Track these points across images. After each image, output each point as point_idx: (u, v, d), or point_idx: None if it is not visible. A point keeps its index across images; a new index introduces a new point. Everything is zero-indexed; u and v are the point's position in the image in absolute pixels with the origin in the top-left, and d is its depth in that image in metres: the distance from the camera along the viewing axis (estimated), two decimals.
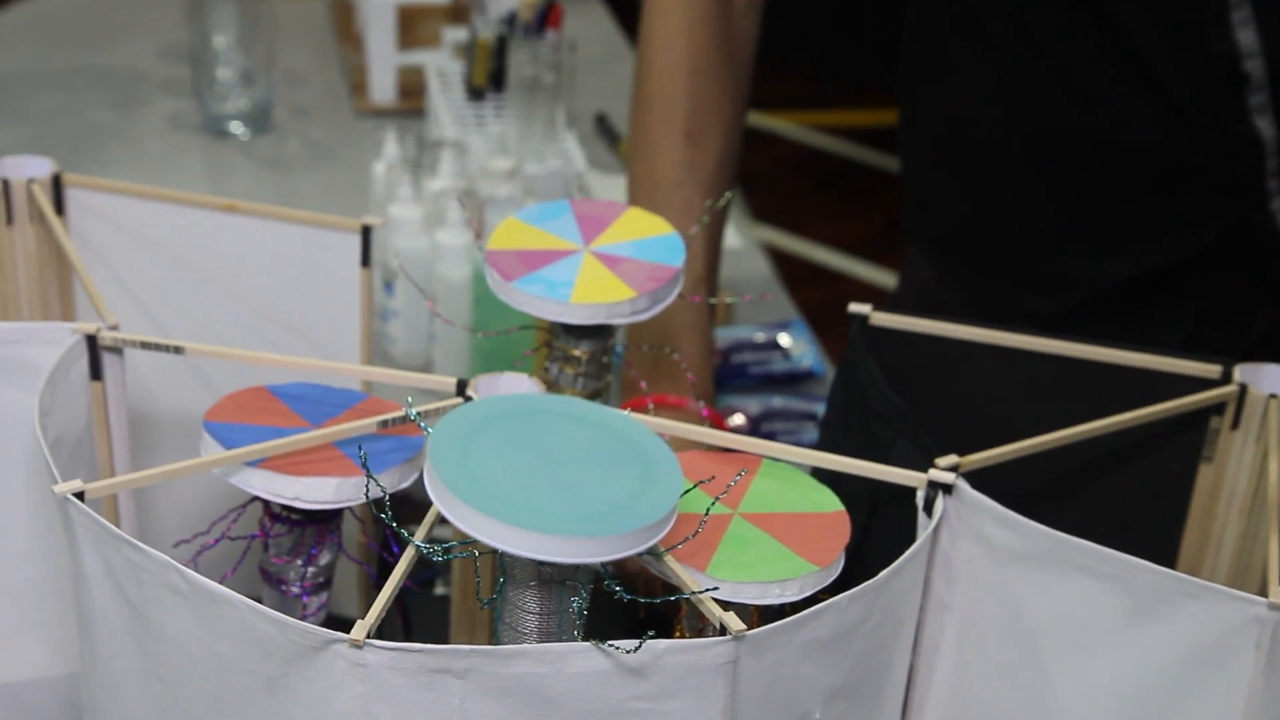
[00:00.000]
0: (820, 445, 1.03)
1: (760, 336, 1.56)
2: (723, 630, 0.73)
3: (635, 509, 0.73)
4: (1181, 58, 1.16)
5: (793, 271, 3.16)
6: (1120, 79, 1.18)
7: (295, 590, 0.90)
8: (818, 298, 3.25)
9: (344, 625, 1.13)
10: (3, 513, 0.96)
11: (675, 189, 1.25)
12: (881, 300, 2.17)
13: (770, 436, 1.44)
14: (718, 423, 1.17)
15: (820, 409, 1.47)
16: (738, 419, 1.46)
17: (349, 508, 0.86)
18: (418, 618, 1.10)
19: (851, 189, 3.87)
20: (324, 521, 0.89)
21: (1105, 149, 1.21)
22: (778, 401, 1.48)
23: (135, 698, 0.80)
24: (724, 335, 1.56)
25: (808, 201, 3.81)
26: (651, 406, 1.05)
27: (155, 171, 1.83)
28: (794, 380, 1.54)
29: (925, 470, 0.84)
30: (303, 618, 0.91)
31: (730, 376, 1.52)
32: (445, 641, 0.98)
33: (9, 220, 1.06)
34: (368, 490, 0.81)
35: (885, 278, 3.42)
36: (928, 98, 1.32)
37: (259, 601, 0.92)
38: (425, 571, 1.16)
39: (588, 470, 0.75)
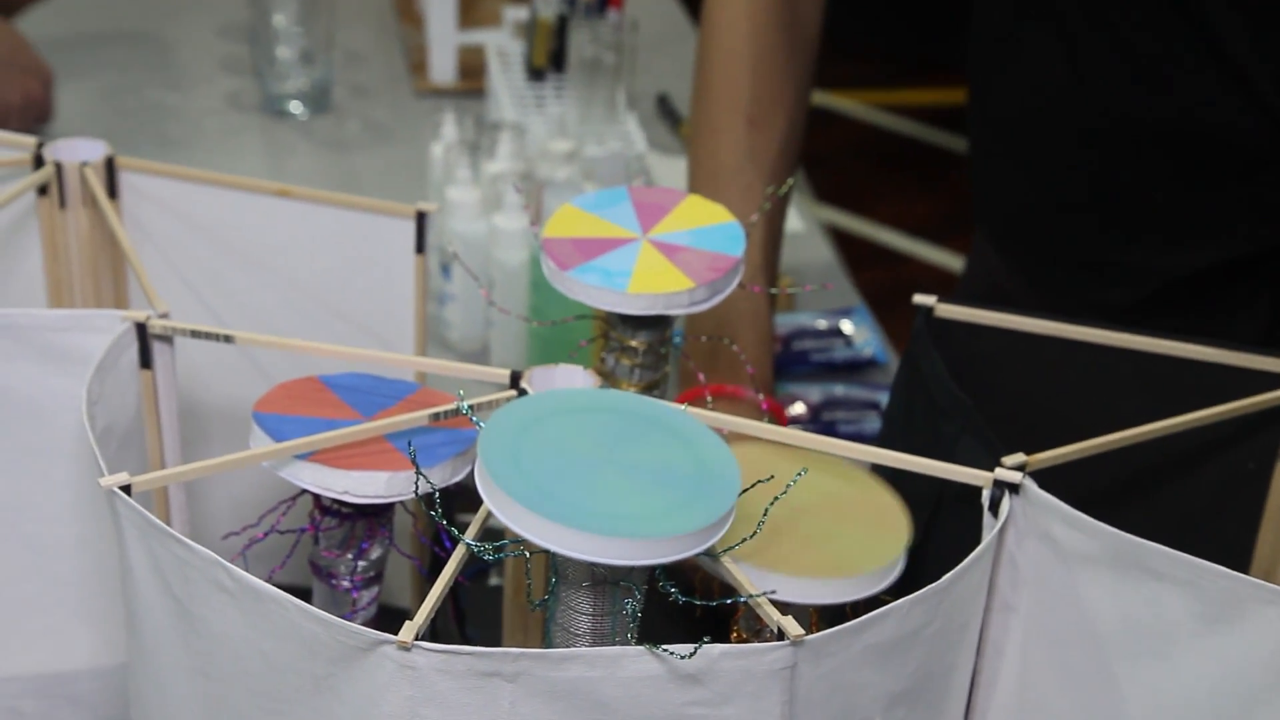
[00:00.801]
0: (881, 439, 1.01)
1: (822, 323, 1.54)
2: (780, 635, 0.71)
3: (691, 509, 0.71)
4: (1262, 41, 1.12)
5: (856, 253, 3.13)
6: (1196, 63, 1.15)
7: (346, 584, 0.88)
8: (881, 280, 3.22)
9: (397, 617, 1.12)
10: (52, 502, 0.95)
11: (737, 175, 1.23)
12: (946, 283, 2.15)
13: (831, 425, 1.42)
14: (777, 413, 1.15)
15: (883, 397, 1.45)
16: (798, 408, 1.43)
17: (401, 501, 0.85)
18: (472, 610, 1.09)
19: (916, 169, 3.83)
20: (375, 515, 0.87)
21: (1179, 135, 1.18)
22: (839, 390, 1.46)
23: (181, 693, 0.79)
24: (785, 322, 1.54)
25: (871, 182, 3.77)
26: (710, 399, 1.03)
27: (214, 151, 1.82)
28: (856, 368, 1.51)
29: (991, 469, 0.81)
30: (353, 612, 0.89)
31: (791, 364, 1.50)
32: (499, 633, 0.97)
33: (62, 204, 1.05)
34: (417, 486, 0.79)
35: (950, 260, 3.38)
36: (997, 82, 1.29)
37: (310, 595, 0.92)
38: (478, 564, 1.15)
39: (643, 468, 0.73)
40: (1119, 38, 1.18)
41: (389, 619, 1.00)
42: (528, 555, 0.74)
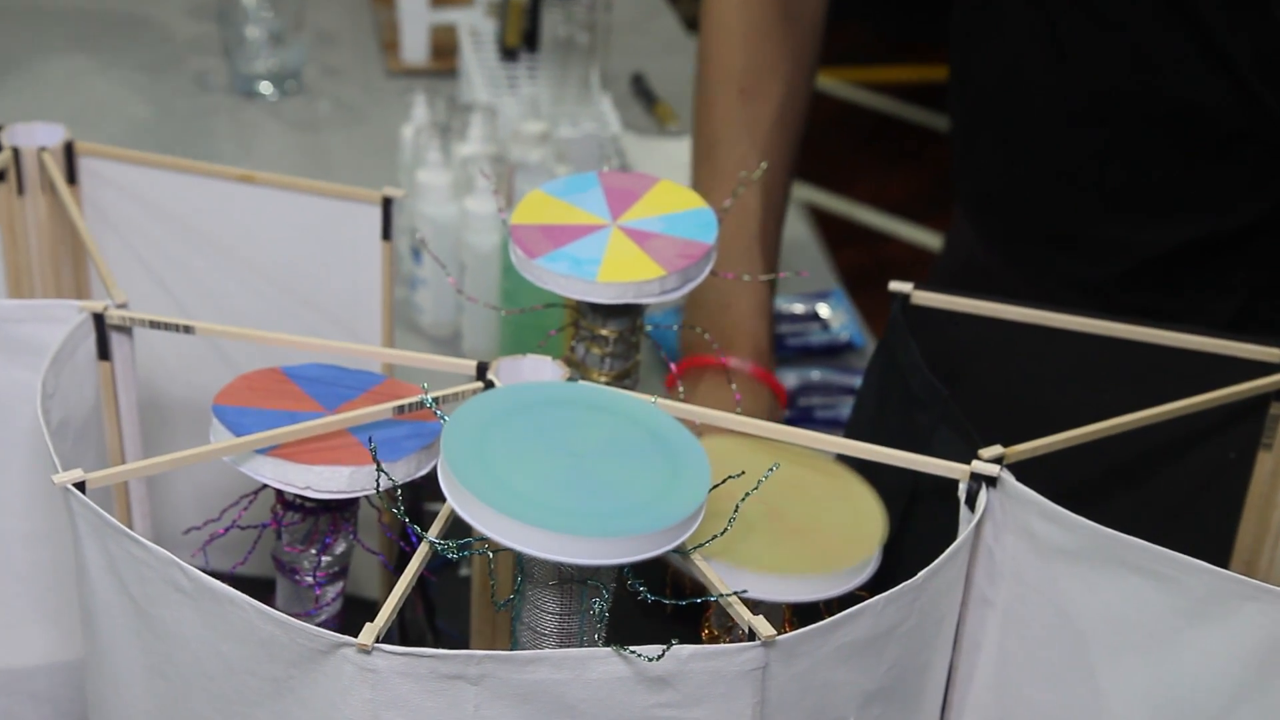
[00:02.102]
0: (850, 428, 0.99)
1: (799, 307, 1.52)
2: (752, 635, 0.69)
3: (660, 506, 0.69)
4: (1241, 19, 1.10)
5: (834, 232, 3.11)
6: (1174, 39, 1.13)
7: (309, 580, 0.86)
8: (859, 259, 3.20)
9: (365, 609, 1.11)
10: (8, 495, 0.93)
11: (731, 147, 1.22)
12: (924, 262, 2.12)
13: (808, 411, 1.40)
14: (767, 381, 1.13)
15: (860, 382, 1.43)
16: None
17: (366, 495, 0.83)
18: (442, 601, 1.07)
19: (896, 147, 3.81)
20: (339, 510, 0.85)
21: (1159, 111, 1.16)
22: (816, 375, 1.44)
23: (139, 694, 0.77)
24: None
25: (850, 160, 3.75)
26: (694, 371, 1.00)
27: (183, 132, 1.79)
28: (833, 352, 1.49)
29: (968, 461, 0.80)
30: (317, 608, 0.87)
31: None
32: (469, 624, 0.95)
33: (20, 190, 1.03)
34: (378, 483, 0.77)
35: (929, 239, 3.37)
36: (978, 55, 1.27)
37: (274, 590, 0.90)
38: (445, 558, 1.13)
39: (610, 464, 0.71)
40: (1098, 13, 1.16)
41: (357, 611, 0.98)
42: (491, 554, 0.72)
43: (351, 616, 0.92)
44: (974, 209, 1.36)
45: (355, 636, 0.68)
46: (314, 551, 0.86)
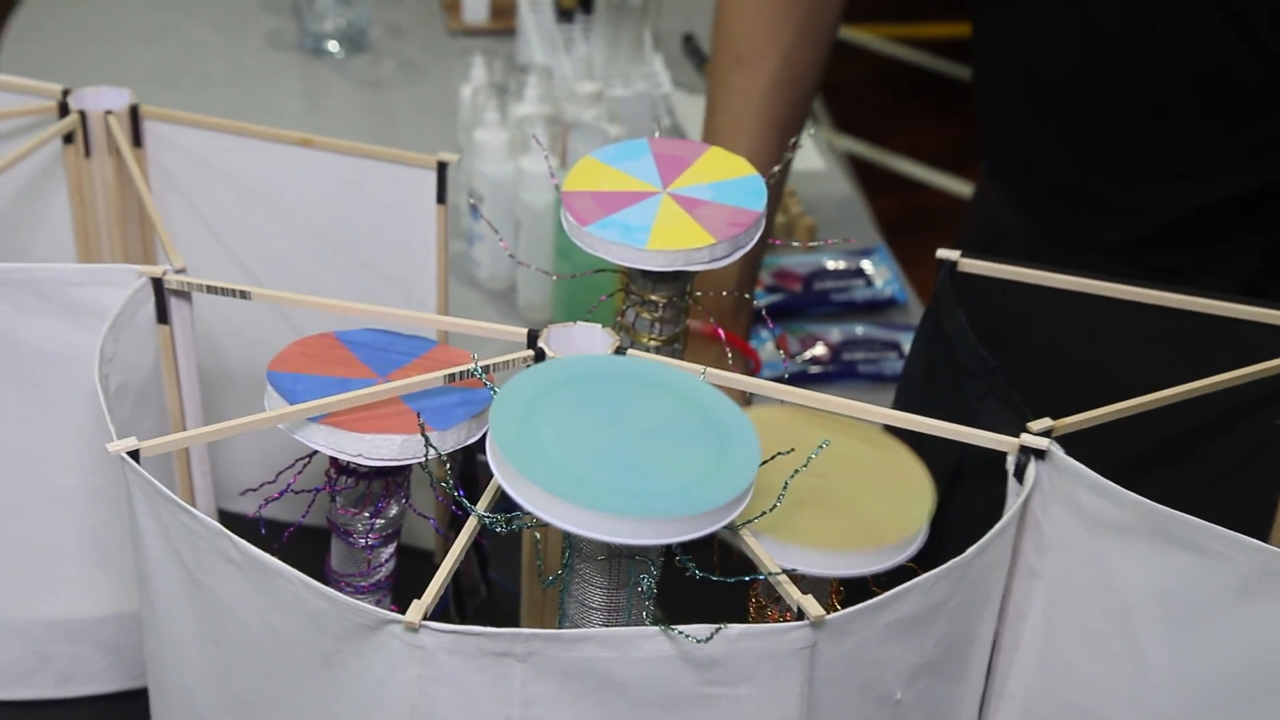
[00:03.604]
0: (899, 397, 0.93)
1: (842, 263, 1.46)
2: (801, 614, 0.64)
3: (709, 486, 0.64)
4: None
5: (873, 181, 3.03)
6: (1198, 7, 1.06)
7: (363, 542, 0.81)
8: (897, 207, 3.13)
9: (421, 559, 1.06)
10: (73, 454, 0.89)
11: (720, 114, 1.17)
12: (959, 211, 2.04)
13: (852, 366, 1.34)
14: (737, 344, 1.08)
15: (903, 338, 1.37)
16: (819, 348, 1.35)
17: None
18: (495, 549, 1.02)
19: (933, 101, 3.72)
20: (391, 475, 0.80)
21: (1177, 73, 1.09)
22: (859, 330, 1.38)
23: (193, 658, 0.72)
24: (805, 262, 1.46)
25: (888, 112, 3.66)
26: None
27: (253, 89, 1.74)
28: (876, 308, 1.43)
29: (1016, 433, 0.74)
30: (371, 569, 0.83)
31: (811, 304, 1.42)
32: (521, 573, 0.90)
33: (87, 153, 0.98)
34: (425, 455, 0.72)
35: (963, 188, 3.28)
36: (999, 16, 1.20)
37: (329, 548, 0.85)
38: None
39: (658, 442, 0.66)
40: None
41: (416, 563, 0.93)
42: (536, 534, 0.67)
43: (407, 568, 0.88)
44: (1000, 171, 1.29)
45: (408, 593, 0.63)
46: (367, 515, 0.81)
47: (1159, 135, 1.13)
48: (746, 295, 1.14)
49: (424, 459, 0.73)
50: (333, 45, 1.81)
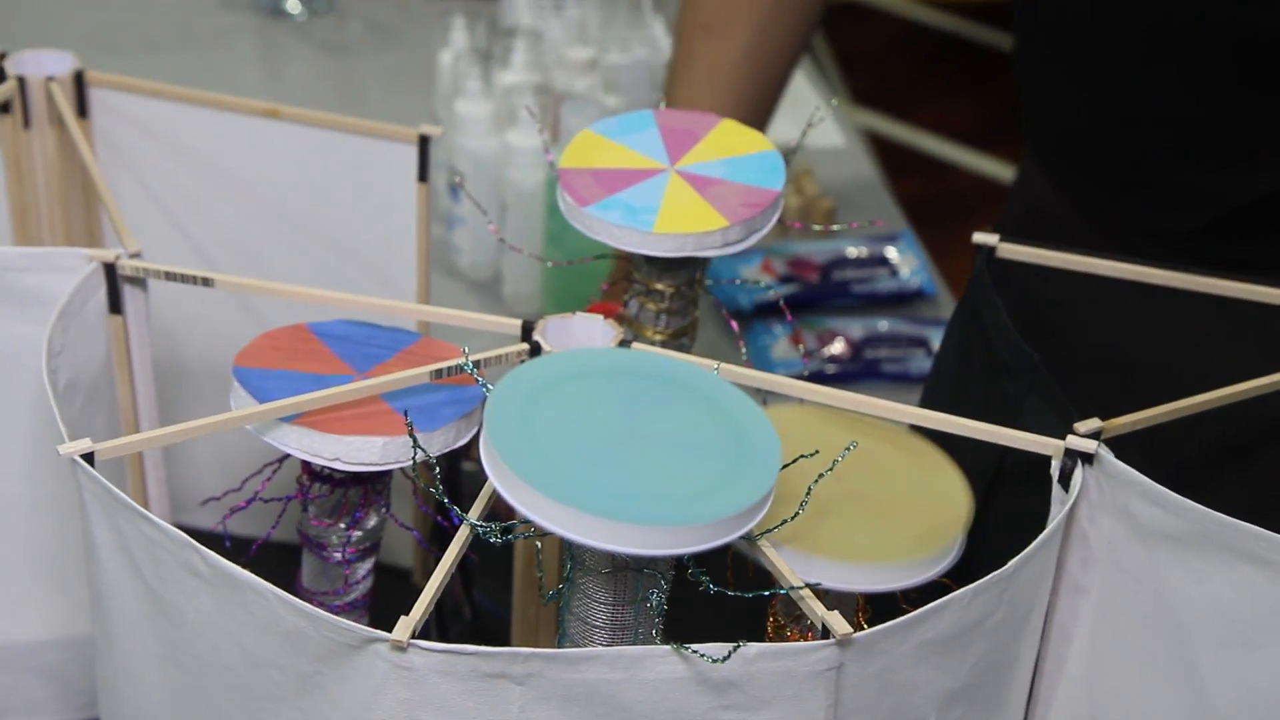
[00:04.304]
0: (928, 394, 0.95)
1: (864, 251, 1.47)
2: (825, 632, 0.66)
3: (725, 491, 0.65)
4: None
5: (895, 161, 3.05)
6: None
7: (338, 556, 0.83)
8: (922, 190, 3.15)
9: (397, 578, 1.08)
10: (13, 459, 0.90)
11: (681, 87, 1.19)
12: (993, 195, 2.07)
13: (875, 364, 1.36)
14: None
15: (931, 333, 1.39)
16: (838, 345, 1.37)
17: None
18: (483, 567, 1.03)
19: (961, 69, 3.74)
20: (370, 482, 0.82)
21: (1241, 42, 1.10)
22: (883, 325, 1.40)
23: (153, 682, 0.74)
24: (823, 249, 1.47)
25: (913, 84, 3.68)
26: None
27: (204, 55, 1.76)
28: (902, 300, 1.45)
29: (1062, 435, 0.76)
30: (346, 587, 0.84)
31: (830, 295, 1.44)
32: (509, 594, 0.92)
33: (25, 124, 0.99)
34: (414, 457, 0.73)
35: (998, 169, 3.30)
36: None
37: (300, 564, 0.87)
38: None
39: (670, 443, 0.67)
40: None
41: (391, 582, 0.95)
42: (538, 542, 0.68)
43: (382, 587, 0.89)
44: (1044, 153, 1.31)
45: (384, 614, 0.65)
46: (343, 526, 0.83)
47: (1225, 112, 1.14)
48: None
49: (411, 462, 0.75)
50: (293, 5, 1.83)
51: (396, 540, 1.03)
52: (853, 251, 1.47)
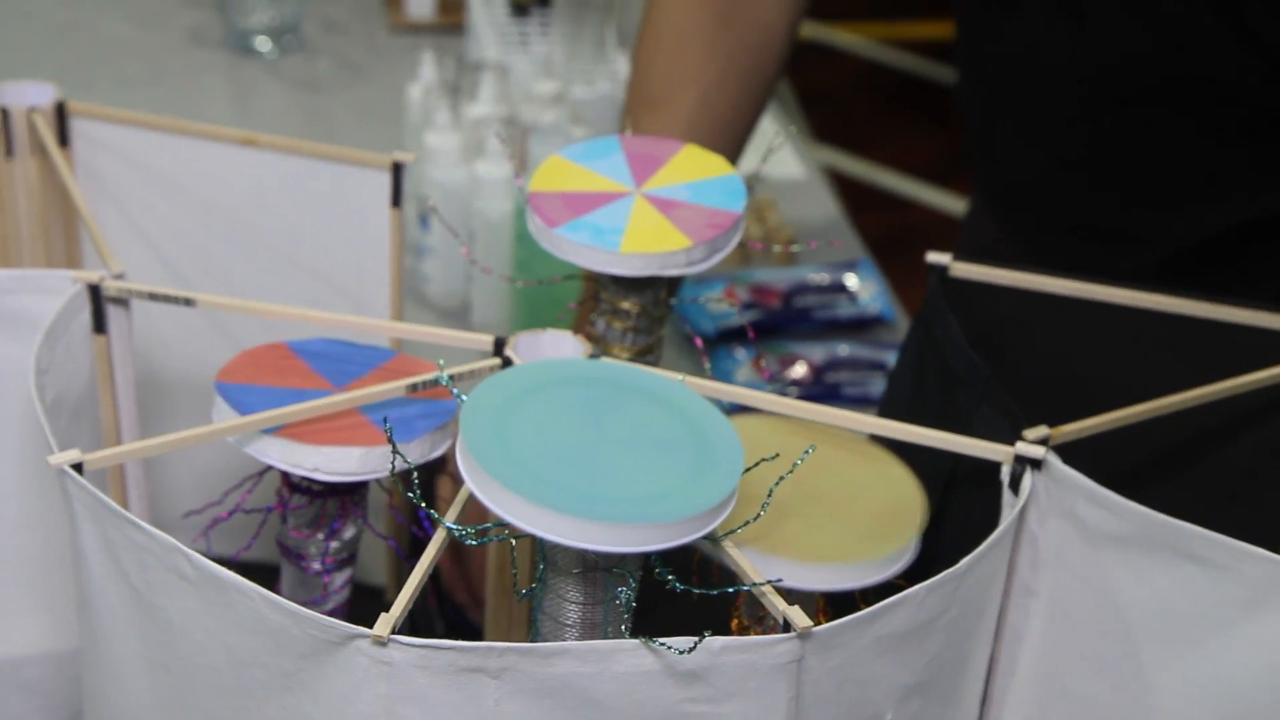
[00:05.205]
0: (884, 408, 0.98)
1: (825, 278, 1.51)
2: (786, 626, 0.69)
3: (691, 491, 0.69)
4: None
5: (857, 198, 3.10)
6: (1201, 11, 1.11)
7: (316, 567, 0.86)
8: (883, 226, 3.19)
9: (370, 596, 1.11)
10: (3, 476, 0.92)
11: None
12: (952, 230, 2.13)
13: (835, 388, 1.40)
14: None
15: (890, 358, 1.42)
16: (799, 369, 1.41)
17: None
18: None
19: (921, 107, 3.79)
20: (348, 493, 0.85)
21: (1184, 90, 1.14)
22: (844, 350, 1.43)
23: (139, 686, 0.76)
24: (785, 276, 1.51)
25: (873, 121, 3.73)
26: None
27: (175, 91, 1.78)
28: (861, 326, 1.49)
29: (1011, 442, 0.79)
30: (324, 596, 0.87)
31: (792, 321, 1.47)
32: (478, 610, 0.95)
33: (8, 153, 1.02)
34: (393, 465, 0.76)
35: (955, 205, 3.35)
36: (988, 28, 1.25)
37: (278, 577, 0.90)
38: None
39: (638, 447, 0.71)
40: None
41: (364, 598, 0.98)
42: (513, 541, 0.72)
43: (357, 604, 0.92)
44: (992, 200, 1.34)
45: (363, 625, 0.68)
46: (321, 536, 0.86)
47: (1164, 157, 1.18)
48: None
49: (389, 471, 0.78)
50: (262, 43, 1.86)
51: (370, 557, 1.06)
52: (813, 278, 1.51)
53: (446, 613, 1.06)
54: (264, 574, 0.88)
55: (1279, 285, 1.19)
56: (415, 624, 1.04)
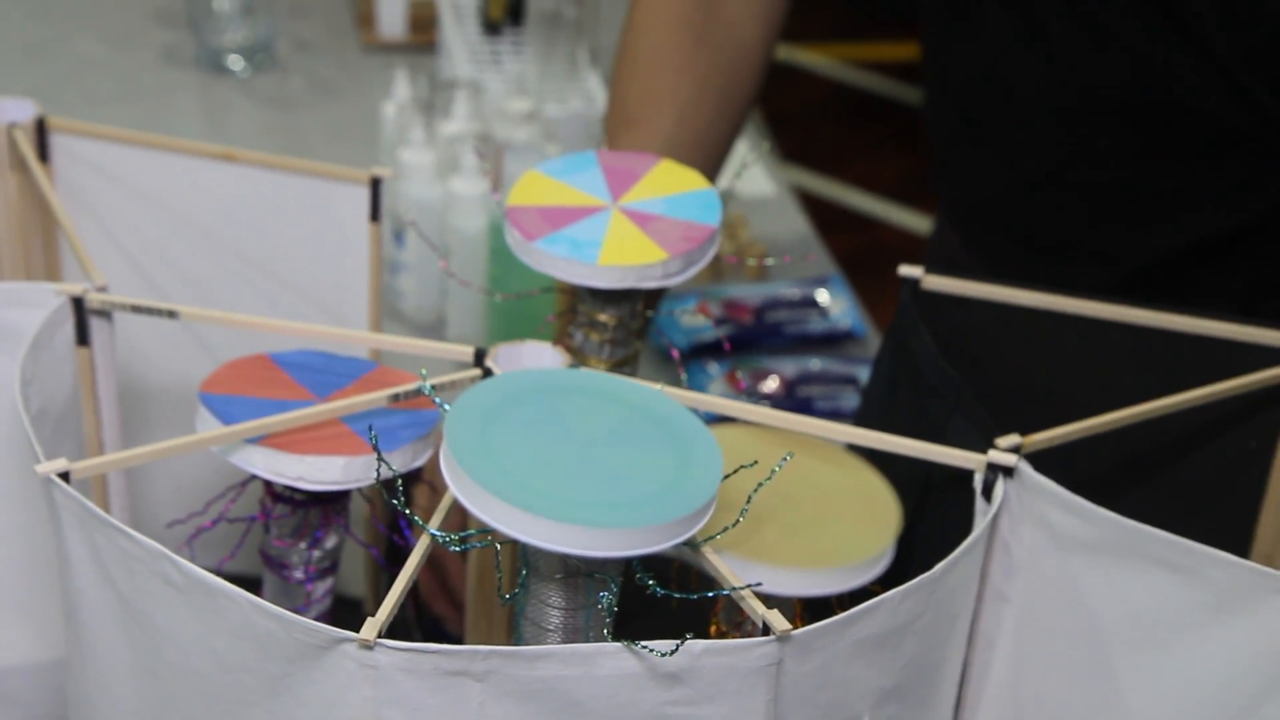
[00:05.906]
0: (860, 418, 1.00)
1: (796, 293, 1.53)
2: (765, 630, 0.70)
3: (670, 497, 0.70)
4: (1230, 14, 1.11)
5: (826, 217, 3.12)
6: (1161, 34, 1.14)
7: (299, 576, 0.87)
8: (852, 245, 3.22)
9: (350, 607, 1.12)
10: None
11: None
12: (920, 248, 2.15)
13: (807, 402, 1.41)
14: None
15: (861, 372, 1.44)
16: (771, 383, 1.42)
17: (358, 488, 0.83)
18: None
19: (888, 127, 3.82)
20: (330, 502, 0.86)
21: (1146, 110, 1.16)
22: (815, 364, 1.45)
23: (125, 693, 0.77)
24: (757, 292, 1.53)
25: (841, 141, 3.76)
26: None
27: (148, 110, 1.79)
28: (832, 341, 1.50)
29: (984, 450, 0.81)
30: (307, 605, 0.88)
31: (764, 336, 1.49)
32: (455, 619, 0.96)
33: None
34: (378, 473, 0.78)
35: (923, 224, 3.38)
36: (953, 50, 1.27)
37: (261, 586, 0.90)
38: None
39: (619, 454, 0.72)
40: (1083, 10, 1.16)
41: (342, 610, 0.99)
42: (496, 546, 0.73)
43: (338, 616, 0.93)
44: (957, 217, 1.36)
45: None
46: (304, 546, 0.87)
47: (1125, 176, 1.20)
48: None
49: (374, 479, 0.79)
50: (235, 61, 1.87)
51: (348, 569, 1.07)
52: (785, 293, 1.53)
53: (424, 624, 1.07)
54: (246, 585, 0.89)
55: (1237, 298, 1.21)
56: (394, 635, 1.06)
